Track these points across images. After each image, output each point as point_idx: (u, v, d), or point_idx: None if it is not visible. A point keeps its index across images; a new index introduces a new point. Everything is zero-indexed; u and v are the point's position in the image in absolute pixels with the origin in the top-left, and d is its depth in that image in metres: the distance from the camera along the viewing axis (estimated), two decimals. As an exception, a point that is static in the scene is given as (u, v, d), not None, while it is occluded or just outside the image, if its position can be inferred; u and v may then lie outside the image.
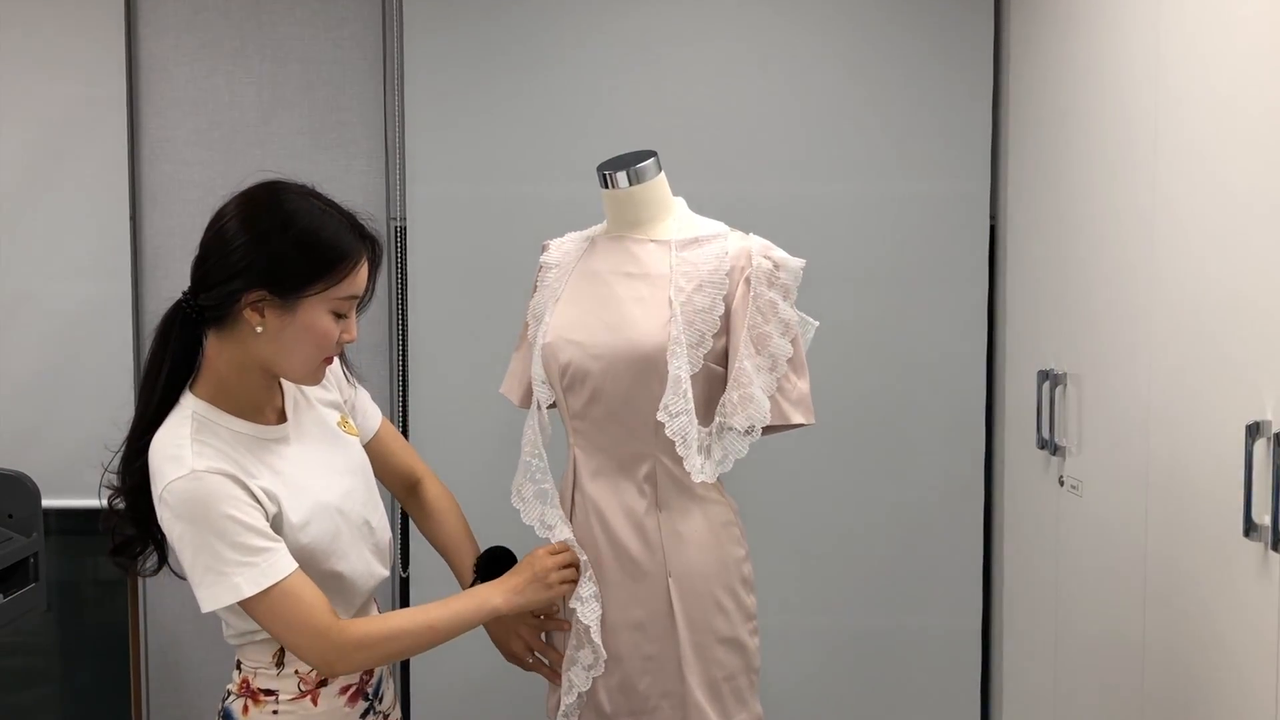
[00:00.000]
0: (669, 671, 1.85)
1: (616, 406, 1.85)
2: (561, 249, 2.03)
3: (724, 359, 1.87)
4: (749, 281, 1.85)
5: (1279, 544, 1.56)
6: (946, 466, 2.93)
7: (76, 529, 3.01)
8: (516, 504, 1.91)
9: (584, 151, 2.45)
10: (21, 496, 2.76)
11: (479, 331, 2.89)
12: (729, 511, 1.91)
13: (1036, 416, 2.51)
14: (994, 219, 2.93)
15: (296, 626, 1.57)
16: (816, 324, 1.96)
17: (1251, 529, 1.62)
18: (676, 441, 1.80)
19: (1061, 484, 2.43)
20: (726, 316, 1.85)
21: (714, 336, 1.85)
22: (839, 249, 2.89)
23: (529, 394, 1.97)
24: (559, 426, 1.94)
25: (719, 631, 1.86)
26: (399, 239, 2.95)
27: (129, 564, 1.70)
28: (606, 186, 1.95)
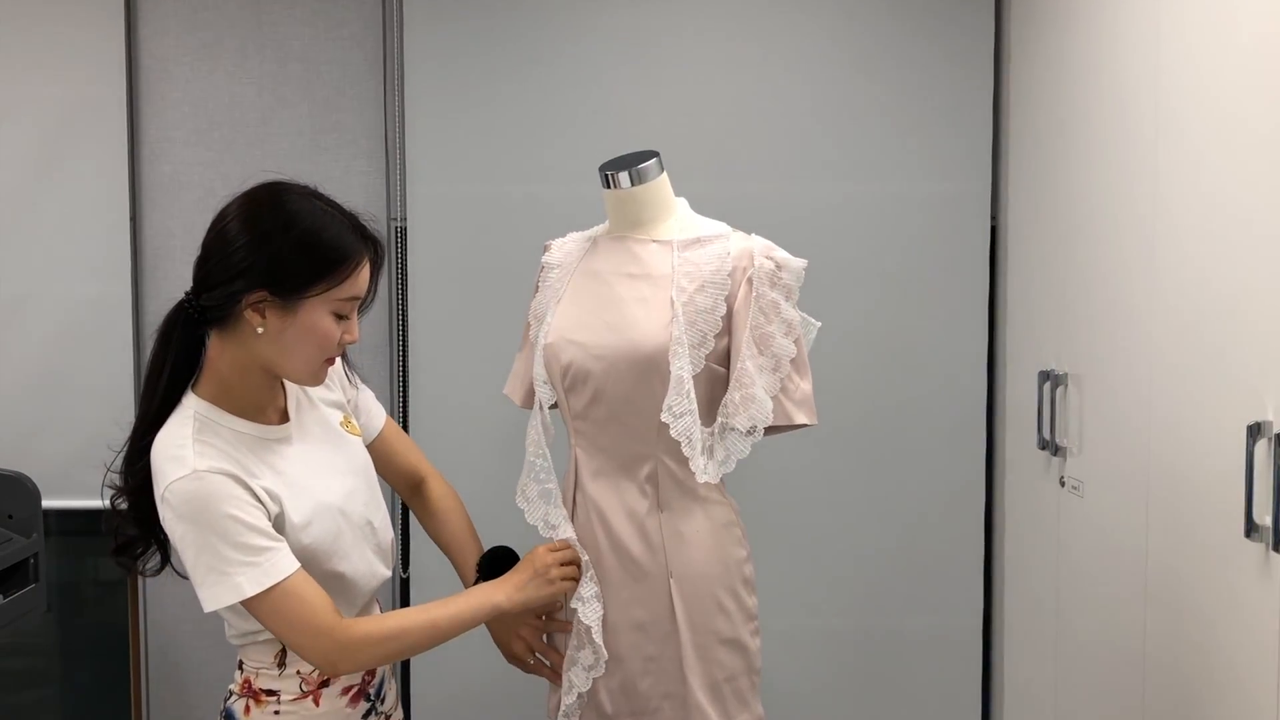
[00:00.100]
0: (670, 672, 1.85)
1: (618, 407, 1.85)
2: (563, 249, 2.03)
3: (726, 359, 1.87)
4: (751, 282, 1.85)
5: (1280, 544, 1.56)
6: (947, 467, 2.93)
7: (76, 530, 3.00)
8: (521, 504, 1.91)
9: (585, 152, 2.45)
10: (21, 497, 2.76)
11: (479, 332, 2.89)
12: (730, 512, 1.91)
13: (1037, 417, 2.51)
14: (995, 219, 2.93)
15: (299, 626, 1.56)
16: (819, 324, 1.96)
17: (1252, 529, 1.62)
18: (682, 442, 1.80)
19: (1062, 484, 2.43)
20: (728, 317, 1.85)
21: (716, 337, 1.85)
22: (840, 249, 2.89)
23: (531, 394, 1.97)
24: (561, 427, 1.94)
25: (720, 632, 1.86)
26: (399, 239, 2.94)
27: (131, 564, 1.69)
28: (608, 187, 1.95)
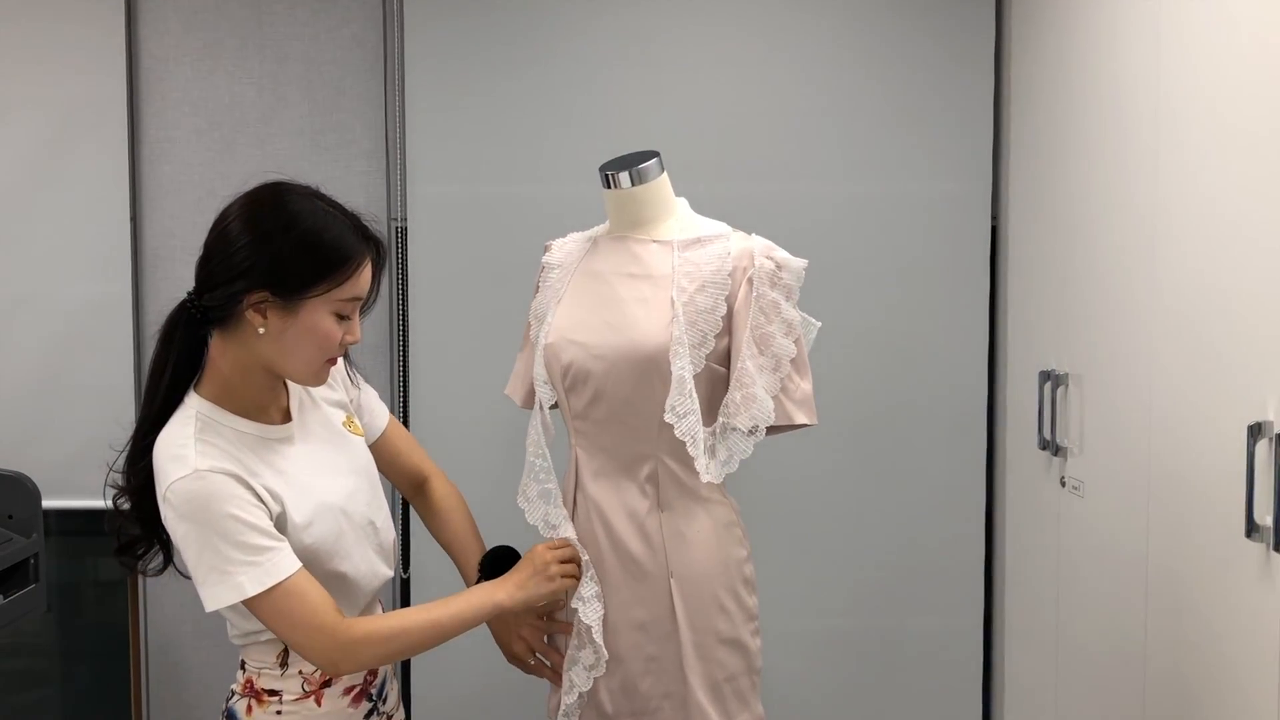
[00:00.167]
0: (671, 672, 1.85)
1: (618, 407, 1.85)
2: (564, 249, 2.03)
3: (726, 359, 1.87)
4: (751, 282, 1.85)
5: (1281, 544, 1.56)
6: (948, 467, 2.93)
7: (77, 530, 3.00)
8: (522, 504, 1.91)
9: (586, 152, 2.45)
10: (22, 497, 2.75)
11: (480, 332, 2.89)
12: (731, 512, 1.91)
13: (1038, 417, 2.51)
14: (995, 219, 2.93)
15: (301, 625, 1.56)
16: (819, 324, 1.96)
17: (1253, 530, 1.63)
18: (687, 442, 1.80)
19: (1063, 484, 2.43)
20: (729, 317, 1.85)
21: (716, 337, 1.85)
22: (841, 249, 2.89)
23: (532, 394, 1.97)
24: (562, 427, 1.94)
25: (721, 632, 1.86)
26: (400, 239, 2.94)
27: (134, 564, 1.69)
28: (609, 187, 1.95)
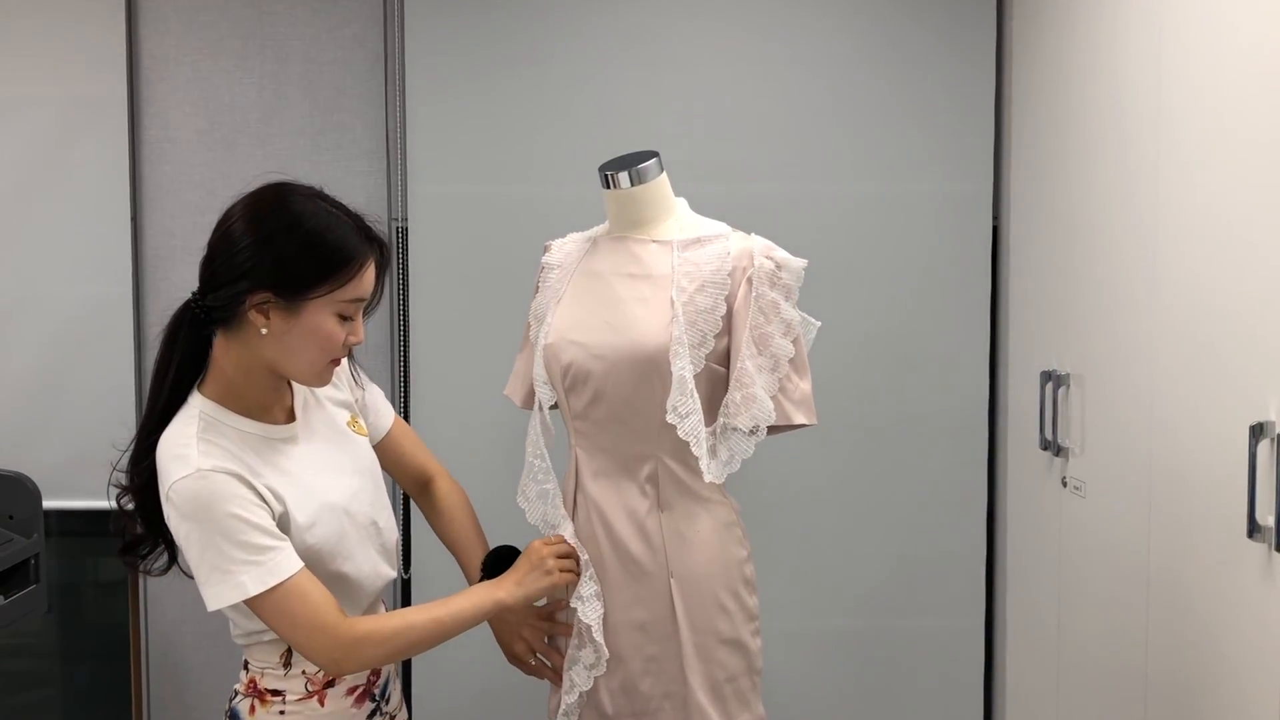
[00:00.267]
0: (671, 672, 1.86)
1: (618, 407, 1.85)
2: (563, 249, 2.03)
3: (726, 359, 1.87)
4: (751, 282, 1.85)
5: (1283, 544, 1.56)
6: (949, 467, 2.93)
7: (77, 530, 3.00)
8: (522, 504, 1.92)
9: (586, 152, 2.45)
10: (22, 497, 2.75)
11: (480, 332, 2.89)
12: (731, 512, 1.91)
13: (1039, 417, 2.51)
14: (996, 219, 2.93)
15: (303, 625, 1.56)
16: (819, 324, 1.96)
17: (1255, 530, 1.62)
18: (690, 442, 1.80)
19: (1064, 485, 2.43)
20: (728, 317, 1.85)
21: (715, 337, 1.85)
22: (841, 249, 2.89)
23: (532, 395, 1.97)
24: (561, 427, 1.94)
25: (721, 632, 1.86)
26: (400, 239, 2.94)
27: (137, 563, 1.69)
28: (608, 187, 1.95)
